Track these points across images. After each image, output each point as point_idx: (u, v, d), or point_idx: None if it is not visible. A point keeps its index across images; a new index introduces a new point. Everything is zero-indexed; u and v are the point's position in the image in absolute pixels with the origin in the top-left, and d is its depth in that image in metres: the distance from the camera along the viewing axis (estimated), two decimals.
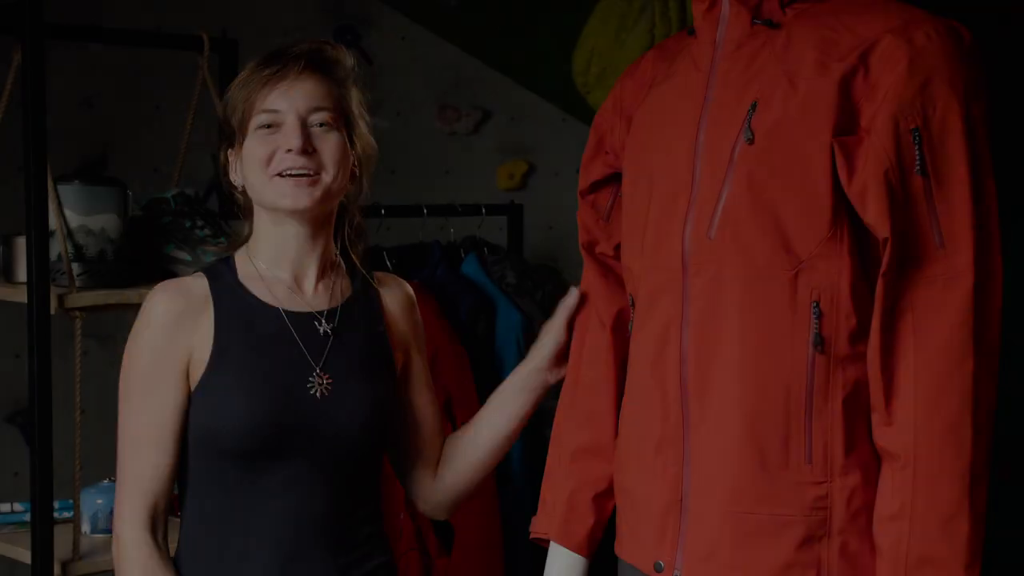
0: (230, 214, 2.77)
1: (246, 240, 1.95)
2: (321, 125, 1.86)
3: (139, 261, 2.52)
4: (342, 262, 1.98)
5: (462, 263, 3.05)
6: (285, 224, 1.88)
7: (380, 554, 1.94)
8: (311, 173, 1.84)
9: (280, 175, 1.83)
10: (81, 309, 2.34)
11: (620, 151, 1.94)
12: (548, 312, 3.00)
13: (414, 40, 4.14)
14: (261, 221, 1.91)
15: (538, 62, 4.13)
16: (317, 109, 1.85)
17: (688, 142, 1.74)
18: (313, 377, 1.87)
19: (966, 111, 1.61)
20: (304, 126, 1.84)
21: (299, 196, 1.84)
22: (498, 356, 2.93)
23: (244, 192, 1.91)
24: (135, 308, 2.42)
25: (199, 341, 1.85)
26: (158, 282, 2.46)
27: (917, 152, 1.60)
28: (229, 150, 1.92)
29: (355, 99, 1.92)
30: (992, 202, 1.63)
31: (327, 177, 1.86)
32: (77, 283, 2.34)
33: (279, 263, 1.91)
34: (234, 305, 1.87)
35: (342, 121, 1.88)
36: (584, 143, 2.02)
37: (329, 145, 1.86)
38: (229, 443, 1.82)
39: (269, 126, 1.85)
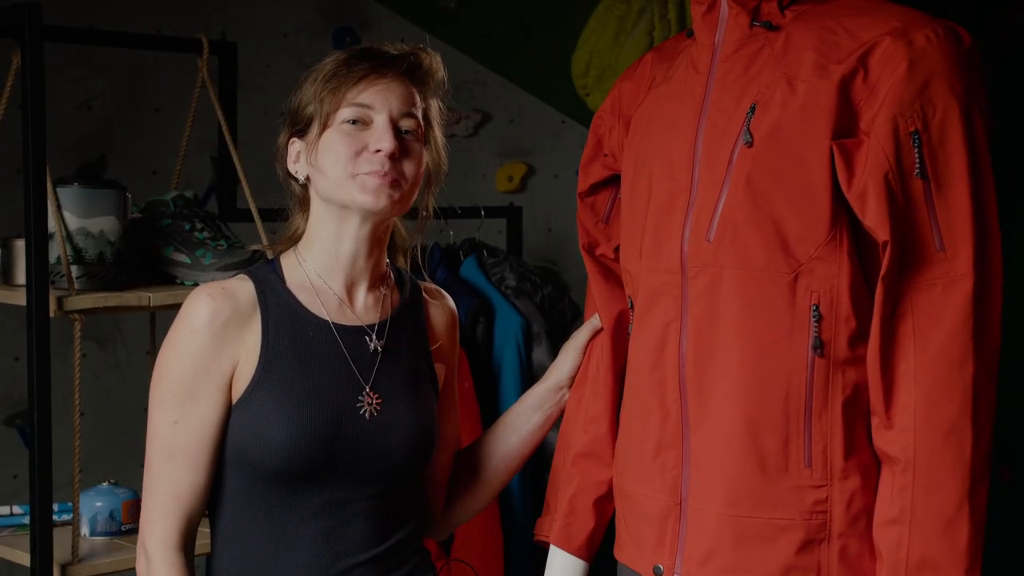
0: (229, 216, 2.78)
1: (295, 241, 1.86)
2: (407, 132, 1.79)
3: (138, 263, 2.52)
4: (392, 273, 1.91)
5: (461, 265, 3.05)
6: (349, 223, 1.79)
7: (424, 572, 1.88)
8: (395, 177, 1.77)
9: (362, 174, 1.75)
10: (80, 311, 2.33)
11: (619, 153, 1.94)
12: (548, 314, 3.03)
13: (413, 42, 4.14)
14: (321, 219, 1.82)
15: (537, 64, 4.14)
16: (408, 115, 1.79)
17: (687, 144, 1.74)
18: (363, 396, 1.79)
19: (966, 113, 1.61)
20: (395, 129, 1.77)
21: (380, 195, 1.75)
22: (497, 358, 2.93)
23: (305, 185, 1.84)
24: (134, 311, 2.44)
25: (246, 351, 1.75)
26: (157, 285, 2.48)
27: (917, 155, 1.60)
28: (293, 138, 1.83)
29: (436, 112, 1.86)
30: (992, 205, 1.63)
31: (406, 186, 1.78)
32: (76, 286, 2.34)
33: (332, 269, 1.82)
34: (282, 315, 1.78)
35: (423, 132, 1.82)
36: (583, 145, 2.02)
37: (413, 155, 1.79)
38: (272, 464, 1.73)
39: (355, 121, 1.76)
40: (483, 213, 3.24)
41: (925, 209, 1.61)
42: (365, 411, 1.79)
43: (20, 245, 2.38)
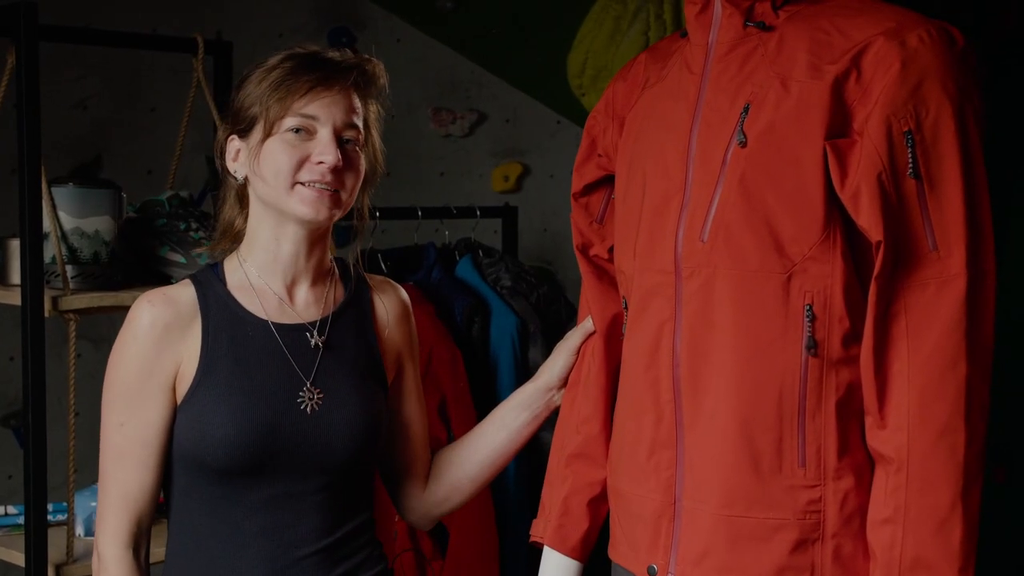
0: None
1: (237, 240, 1.90)
2: (349, 142, 1.82)
3: (133, 263, 2.52)
4: (336, 268, 1.94)
5: (457, 265, 3.05)
6: (287, 227, 1.84)
7: (375, 563, 1.91)
8: (335, 190, 1.80)
9: (303, 184, 1.79)
10: (75, 311, 2.33)
11: (613, 153, 1.94)
12: (543, 314, 3.02)
13: (409, 42, 4.14)
14: (260, 220, 1.85)
15: (533, 64, 4.14)
16: (350, 126, 1.82)
17: (681, 145, 1.74)
18: (303, 392, 1.82)
19: (959, 114, 1.61)
20: (338, 141, 1.81)
21: (320, 208, 1.80)
22: (493, 358, 2.93)
23: (244, 185, 1.87)
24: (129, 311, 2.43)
25: (187, 354, 1.80)
26: (153, 284, 2.48)
27: (910, 155, 1.60)
28: (233, 137, 1.86)
29: (374, 115, 1.89)
30: (985, 205, 1.63)
31: (345, 196, 1.82)
32: (71, 285, 2.34)
33: (273, 269, 1.86)
34: (222, 317, 1.83)
35: (364, 138, 1.85)
36: (579, 145, 2.02)
37: (355, 165, 1.83)
38: (214, 462, 1.78)
39: (299, 131, 1.79)
40: (479, 213, 3.24)
41: (918, 209, 1.61)
42: (306, 406, 1.82)
43: (15, 245, 2.38)
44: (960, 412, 1.59)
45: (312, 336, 1.86)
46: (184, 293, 1.84)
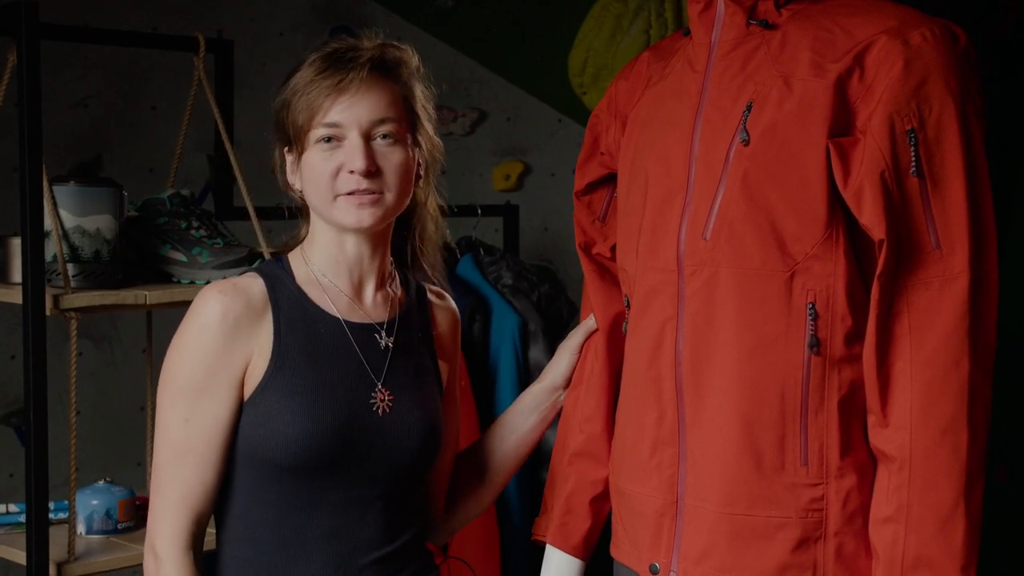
0: (225, 215, 2.78)
1: (300, 241, 1.86)
2: (385, 137, 1.76)
3: (135, 262, 2.52)
4: (396, 271, 1.90)
5: (458, 264, 3.05)
6: (346, 235, 1.80)
7: (429, 571, 1.88)
8: (375, 192, 1.75)
9: (343, 195, 1.75)
10: (76, 310, 2.33)
11: (615, 152, 1.94)
12: (544, 313, 3.02)
13: (409, 41, 4.14)
14: (320, 229, 1.82)
15: (534, 63, 4.14)
16: (381, 121, 1.76)
17: (683, 143, 1.74)
18: (375, 393, 1.78)
19: (962, 112, 1.61)
20: (368, 142, 1.75)
21: (362, 216, 1.75)
22: (493, 357, 2.93)
23: (302, 195, 1.82)
24: (130, 309, 2.43)
25: (258, 348, 1.74)
26: (154, 283, 2.48)
27: (913, 153, 1.60)
28: (285, 148, 1.82)
29: (420, 97, 1.83)
30: (988, 203, 1.63)
31: (390, 196, 1.76)
32: (72, 284, 2.34)
33: (338, 271, 1.82)
34: (294, 311, 1.77)
35: (406, 127, 1.79)
36: (580, 144, 2.02)
37: (393, 162, 1.76)
38: (287, 459, 1.72)
39: (330, 139, 1.75)
40: (480, 211, 3.24)
41: (921, 207, 1.61)
42: (378, 407, 1.79)
43: (16, 243, 2.38)
44: (963, 411, 1.59)
45: (381, 337, 1.83)
46: (254, 284, 1.78)
